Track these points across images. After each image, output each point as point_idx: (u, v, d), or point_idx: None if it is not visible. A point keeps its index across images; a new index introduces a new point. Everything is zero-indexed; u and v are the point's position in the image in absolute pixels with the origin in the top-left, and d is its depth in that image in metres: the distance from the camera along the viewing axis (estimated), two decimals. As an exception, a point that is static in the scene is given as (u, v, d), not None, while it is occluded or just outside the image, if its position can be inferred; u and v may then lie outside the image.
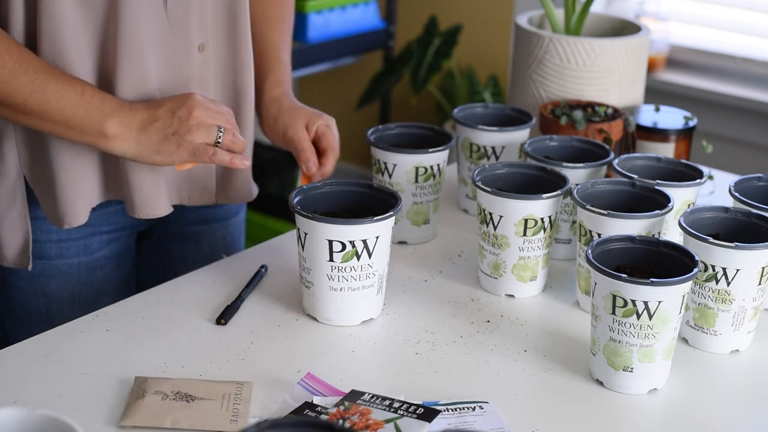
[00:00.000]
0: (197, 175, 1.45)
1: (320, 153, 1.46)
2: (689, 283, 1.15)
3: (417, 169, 1.47)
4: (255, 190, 1.54)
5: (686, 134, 1.70)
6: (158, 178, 1.38)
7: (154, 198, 1.39)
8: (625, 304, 1.13)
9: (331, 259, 1.25)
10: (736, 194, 1.37)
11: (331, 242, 1.24)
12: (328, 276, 1.26)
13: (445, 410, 1.10)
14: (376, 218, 1.25)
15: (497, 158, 1.58)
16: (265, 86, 1.50)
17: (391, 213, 1.26)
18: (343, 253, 1.25)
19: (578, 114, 1.61)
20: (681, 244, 1.23)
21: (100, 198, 1.40)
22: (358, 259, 1.25)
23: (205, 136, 1.29)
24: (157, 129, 1.28)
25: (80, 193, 1.37)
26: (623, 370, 1.17)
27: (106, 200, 1.41)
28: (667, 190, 1.36)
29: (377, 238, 1.26)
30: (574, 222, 1.48)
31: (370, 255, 1.26)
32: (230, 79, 1.43)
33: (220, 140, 1.30)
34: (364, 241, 1.25)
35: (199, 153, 1.29)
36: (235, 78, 1.44)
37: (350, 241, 1.24)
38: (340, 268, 1.26)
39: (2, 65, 1.24)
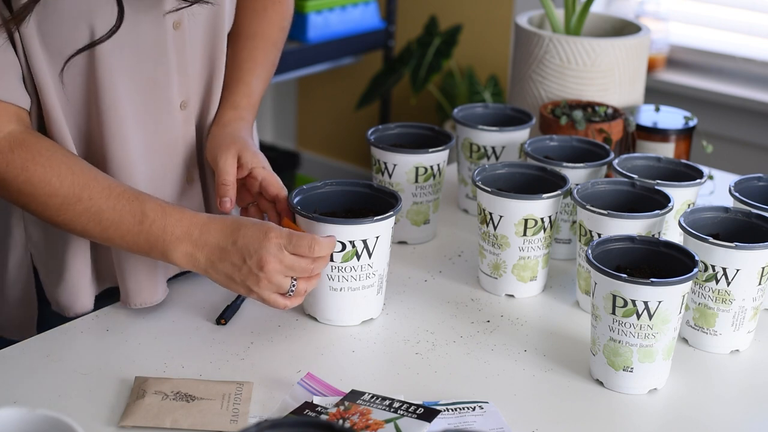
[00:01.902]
0: None
1: (269, 199, 1.31)
2: (689, 283, 1.15)
3: (417, 169, 1.47)
4: None
5: (686, 134, 1.70)
6: (153, 263, 1.27)
7: (150, 285, 1.28)
8: (625, 304, 1.13)
9: (331, 259, 1.25)
10: (736, 194, 1.37)
11: (331, 242, 1.24)
12: (328, 276, 1.26)
13: (445, 410, 1.10)
14: (376, 218, 1.25)
15: (497, 158, 1.58)
16: (220, 107, 1.37)
17: (391, 213, 1.26)
18: (343, 253, 1.25)
19: (578, 114, 1.60)
20: (681, 244, 1.23)
21: (98, 286, 1.33)
22: (358, 259, 1.25)
23: (275, 288, 1.19)
24: (225, 269, 1.18)
25: (86, 279, 1.30)
26: (623, 370, 1.16)
27: (102, 289, 1.33)
28: (667, 190, 1.36)
29: (377, 238, 1.26)
30: (574, 222, 1.48)
31: (370, 255, 1.26)
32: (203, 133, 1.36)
33: (292, 291, 1.20)
34: (364, 241, 1.25)
35: (268, 303, 1.20)
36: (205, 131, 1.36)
37: (350, 241, 1.24)
38: (340, 268, 1.26)
39: (53, 193, 1.16)
